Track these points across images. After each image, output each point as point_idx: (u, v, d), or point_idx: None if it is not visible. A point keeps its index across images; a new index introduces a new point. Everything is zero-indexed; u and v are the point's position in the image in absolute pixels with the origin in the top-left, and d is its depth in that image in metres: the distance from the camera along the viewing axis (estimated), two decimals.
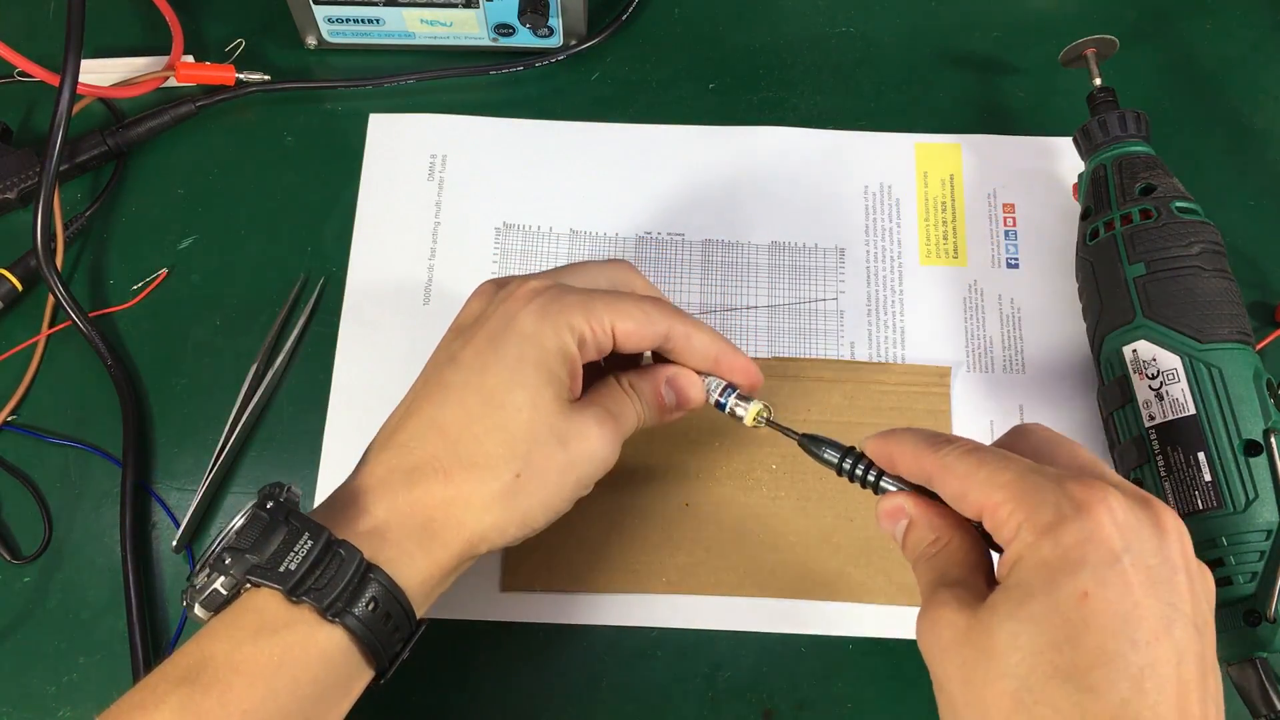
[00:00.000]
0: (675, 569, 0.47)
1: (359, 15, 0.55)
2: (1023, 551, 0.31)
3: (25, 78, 0.54)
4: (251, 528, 0.35)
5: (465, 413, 0.38)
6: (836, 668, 0.46)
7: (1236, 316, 0.46)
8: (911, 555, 0.36)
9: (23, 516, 0.49)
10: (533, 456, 0.37)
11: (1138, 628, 0.30)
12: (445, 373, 0.39)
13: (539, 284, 0.40)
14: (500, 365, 0.38)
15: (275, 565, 0.34)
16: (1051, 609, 0.30)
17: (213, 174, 0.55)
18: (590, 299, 0.39)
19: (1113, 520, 0.31)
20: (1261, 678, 0.42)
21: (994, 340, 0.52)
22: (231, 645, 0.33)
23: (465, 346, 0.39)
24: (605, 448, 0.39)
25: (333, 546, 0.35)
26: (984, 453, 0.34)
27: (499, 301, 0.40)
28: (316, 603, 0.34)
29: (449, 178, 0.55)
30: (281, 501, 0.36)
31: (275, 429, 0.50)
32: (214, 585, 0.34)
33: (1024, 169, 0.56)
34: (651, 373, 0.42)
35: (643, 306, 0.40)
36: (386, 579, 0.35)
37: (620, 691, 0.46)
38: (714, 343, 0.42)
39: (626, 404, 0.41)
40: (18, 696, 0.46)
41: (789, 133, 0.56)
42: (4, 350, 0.51)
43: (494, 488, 0.37)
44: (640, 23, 0.59)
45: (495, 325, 0.39)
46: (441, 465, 0.37)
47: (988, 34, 0.60)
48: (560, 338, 0.38)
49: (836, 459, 0.39)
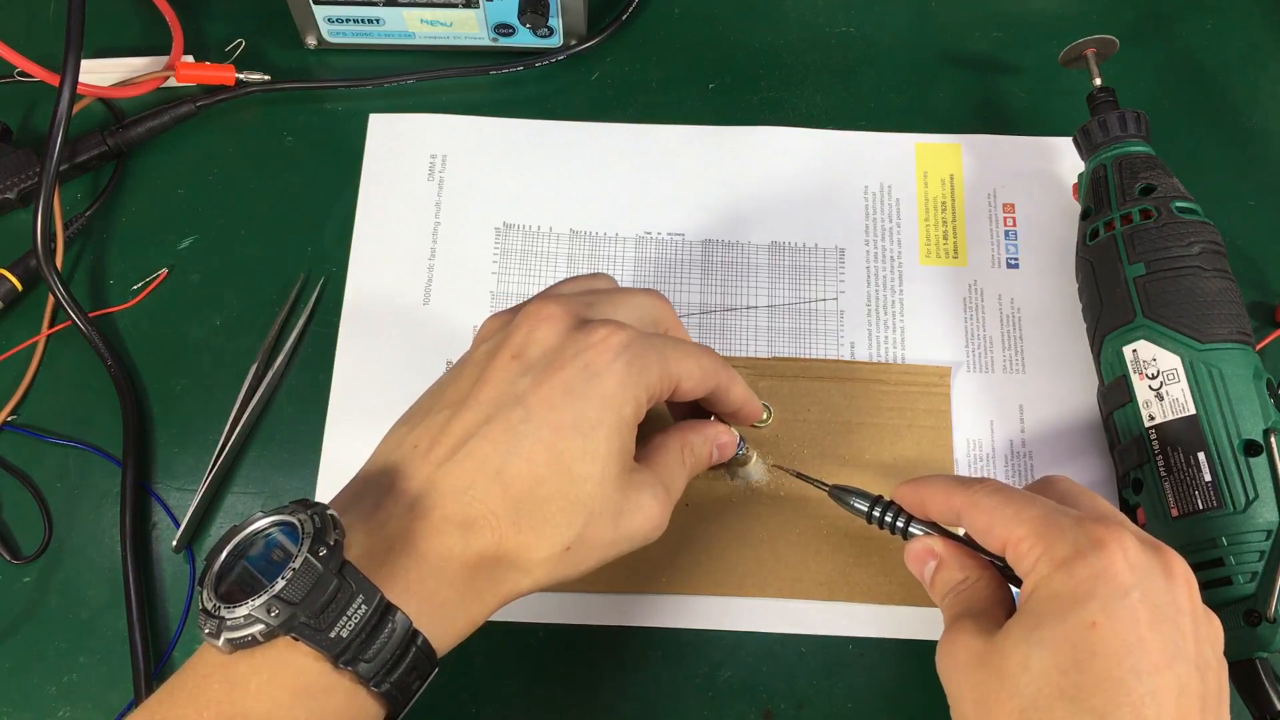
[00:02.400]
0: (676, 569, 0.47)
1: (359, 15, 0.55)
2: (1038, 582, 0.34)
3: (25, 78, 0.54)
4: (303, 578, 0.31)
5: (532, 471, 0.35)
6: (836, 668, 0.46)
7: (1236, 316, 0.46)
8: (940, 594, 0.39)
9: (23, 516, 0.49)
10: (587, 531, 0.36)
11: (1141, 658, 0.32)
12: (513, 416, 0.36)
13: (624, 337, 0.37)
14: (575, 430, 0.35)
15: (325, 628, 0.31)
16: (1061, 635, 0.33)
17: (213, 174, 0.55)
18: (666, 357, 0.38)
19: (1125, 559, 0.33)
20: (1261, 678, 0.42)
21: (994, 340, 0.52)
22: (270, 706, 0.31)
23: (536, 390, 0.36)
24: (657, 527, 0.38)
25: (386, 616, 0.32)
26: (1010, 492, 0.37)
27: (580, 346, 0.37)
28: (363, 676, 0.32)
29: (449, 178, 0.55)
30: (333, 547, 0.32)
31: (275, 429, 0.50)
32: (251, 630, 0.31)
33: (1024, 169, 0.56)
34: (703, 432, 0.42)
35: (701, 362, 0.40)
36: (426, 645, 0.34)
37: (620, 691, 0.46)
38: (744, 393, 0.42)
39: (681, 474, 0.40)
40: (18, 696, 0.46)
41: (789, 133, 0.56)
42: (4, 350, 0.51)
43: (543, 555, 0.35)
44: (640, 23, 0.59)
45: (574, 377, 0.36)
46: (499, 525, 0.35)
47: (988, 34, 0.60)
48: (639, 403, 0.37)
49: (866, 508, 0.41)
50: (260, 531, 0.33)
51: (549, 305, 0.38)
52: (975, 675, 0.34)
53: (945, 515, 0.39)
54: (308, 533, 0.32)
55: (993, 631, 0.35)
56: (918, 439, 0.50)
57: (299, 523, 0.32)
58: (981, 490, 0.38)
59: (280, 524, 0.33)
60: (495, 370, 0.37)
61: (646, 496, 0.38)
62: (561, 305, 0.38)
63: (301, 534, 0.32)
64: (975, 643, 0.35)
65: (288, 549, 0.32)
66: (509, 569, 0.36)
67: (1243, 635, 0.42)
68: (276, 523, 0.33)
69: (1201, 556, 0.43)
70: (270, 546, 0.33)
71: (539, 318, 0.38)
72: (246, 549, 0.33)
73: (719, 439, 0.43)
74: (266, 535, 0.33)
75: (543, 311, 0.38)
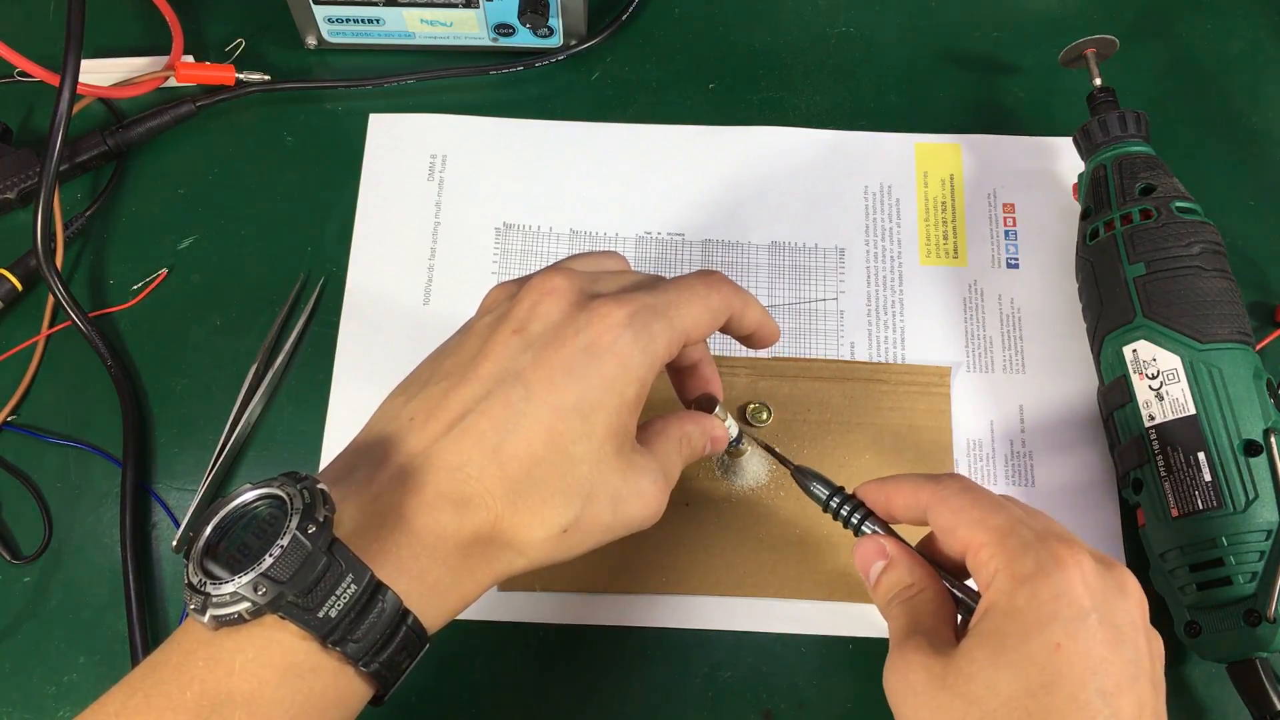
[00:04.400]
0: (675, 569, 0.47)
1: (359, 15, 0.55)
2: (998, 598, 0.34)
3: (25, 78, 0.54)
4: (291, 556, 0.30)
5: (530, 451, 0.34)
6: (836, 668, 0.46)
7: (1236, 316, 0.46)
8: (884, 597, 0.38)
9: (23, 516, 0.49)
10: (585, 514, 0.35)
11: (1105, 680, 0.32)
12: (512, 394, 0.35)
13: (626, 313, 0.36)
14: (575, 412, 0.35)
15: (314, 607, 0.30)
16: (1026, 657, 0.32)
17: (213, 174, 0.55)
18: (671, 318, 0.37)
19: (1083, 579, 0.33)
20: (1261, 678, 0.42)
21: (994, 340, 0.52)
22: (256, 685, 0.31)
23: (537, 367, 0.35)
24: (655, 513, 0.38)
25: (375, 595, 0.32)
26: (979, 493, 0.37)
27: (582, 324, 0.36)
28: (351, 656, 0.32)
29: (449, 178, 0.55)
30: (322, 524, 0.31)
31: (275, 429, 0.50)
32: (238, 608, 0.30)
33: (1024, 169, 0.56)
34: (701, 424, 0.41)
35: (710, 302, 0.38)
36: (417, 624, 0.33)
37: (620, 691, 0.46)
38: (760, 314, 0.41)
39: (679, 461, 0.40)
40: (18, 696, 0.46)
41: (789, 133, 0.56)
42: (4, 350, 0.51)
43: (539, 536, 0.35)
44: (640, 23, 0.59)
45: (575, 356, 0.35)
46: (495, 504, 0.34)
47: (988, 34, 0.60)
48: (643, 383, 0.36)
49: (824, 495, 0.40)
50: (248, 504, 0.32)
51: (554, 279, 0.37)
52: (936, 698, 0.33)
53: (911, 510, 0.38)
54: (296, 509, 0.31)
55: (946, 651, 0.34)
56: (918, 439, 0.50)
57: (288, 497, 0.32)
58: (950, 488, 0.37)
59: (268, 497, 0.32)
60: (496, 344, 0.36)
61: (646, 481, 0.37)
62: (568, 279, 0.37)
63: (290, 509, 0.31)
64: (932, 664, 0.34)
65: (278, 521, 0.31)
66: (504, 549, 0.35)
67: (1243, 635, 0.42)
68: (264, 496, 0.32)
69: (1201, 556, 0.43)
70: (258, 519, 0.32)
71: (543, 291, 0.37)
72: (234, 523, 0.32)
73: (714, 432, 0.42)
74: (254, 509, 0.32)
75: (547, 285, 0.37)
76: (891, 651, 0.36)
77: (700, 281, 0.39)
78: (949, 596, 0.37)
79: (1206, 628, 0.43)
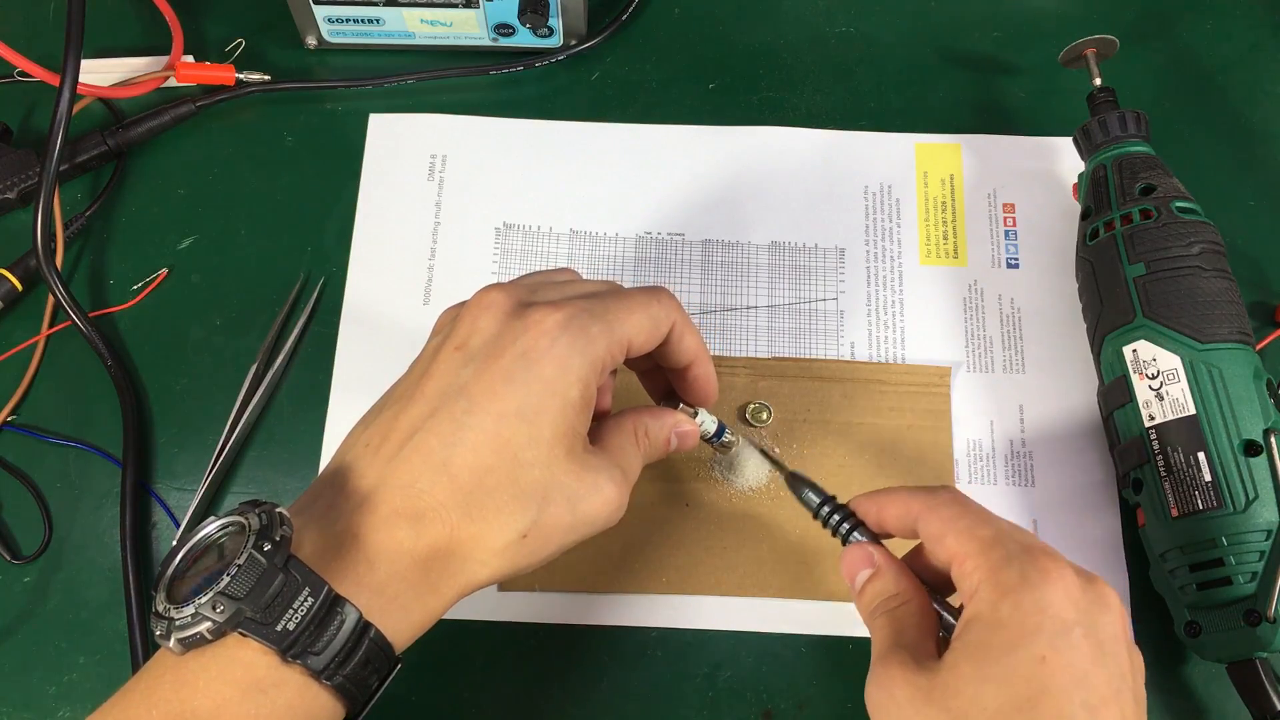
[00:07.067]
0: (675, 569, 0.47)
1: (359, 15, 0.55)
2: (981, 609, 0.34)
3: (25, 78, 0.54)
4: (248, 574, 0.31)
5: (478, 461, 0.35)
6: (836, 668, 0.46)
7: (1236, 316, 0.46)
8: (868, 606, 0.38)
9: (23, 516, 0.49)
10: (541, 519, 0.36)
11: (1090, 693, 0.32)
12: (456, 407, 0.35)
13: (562, 317, 0.36)
14: (519, 417, 0.35)
15: (271, 621, 0.31)
16: (1013, 670, 0.32)
17: (213, 174, 0.55)
18: (610, 322, 0.37)
19: (1066, 593, 0.34)
20: (1261, 678, 0.42)
21: (994, 340, 0.52)
22: (219, 703, 0.31)
23: (478, 379, 0.36)
24: (616, 511, 0.38)
25: (334, 608, 0.32)
26: (969, 505, 0.37)
27: (518, 330, 0.36)
28: (312, 668, 0.32)
29: (449, 178, 0.55)
30: (279, 542, 0.32)
31: (275, 429, 0.50)
32: (199, 629, 0.31)
33: (1024, 169, 0.56)
34: (661, 418, 0.41)
35: (650, 310, 0.39)
36: (380, 637, 0.33)
37: (620, 691, 0.46)
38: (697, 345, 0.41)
39: (637, 456, 0.40)
40: (18, 696, 0.46)
41: (789, 133, 0.56)
42: (4, 350, 0.51)
43: (498, 545, 0.35)
44: (640, 23, 0.59)
45: (513, 364, 0.36)
46: (449, 517, 0.35)
47: (988, 34, 0.60)
48: (585, 383, 0.36)
49: (816, 503, 0.41)
50: (211, 535, 0.34)
51: (492, 293, 0.38)
52: (921, 712, 0.33)
53: (903, 520, 0.38)
54: (253, 529, 0.32)
55: (929, 664, 0.34)
56: (918, 439, 0.50)
57: (246, 521, 0.33)
58: (942, 498, 0.37)
59: (229, 526, 0.34)
60: (440, 363, 0.37)
61: (603, 479, 0.37)
62: (505, 293, 0.38)
63: (247, 530, 0.32)
64: (917, 678, 0.34)
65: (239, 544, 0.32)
66: (464, 560, 0.35)
67: (1243, 635, 0.42)
68: (226, 525, 0.34)
69: (1201, 556, 0.43)
70: (220, 547, 0.34)
71: (481, 306, 0.38)
72: (201, 553, 0.34)
73: (679, 427, 0.42)
74: (218, 539, 0.34)
75: (485, 300, 0.38)
76: (874, 664, 0.36)
77: (642, 291, 0.39)
78: (931, 610, 0.37)
79: (1206, 628, 0.43)
